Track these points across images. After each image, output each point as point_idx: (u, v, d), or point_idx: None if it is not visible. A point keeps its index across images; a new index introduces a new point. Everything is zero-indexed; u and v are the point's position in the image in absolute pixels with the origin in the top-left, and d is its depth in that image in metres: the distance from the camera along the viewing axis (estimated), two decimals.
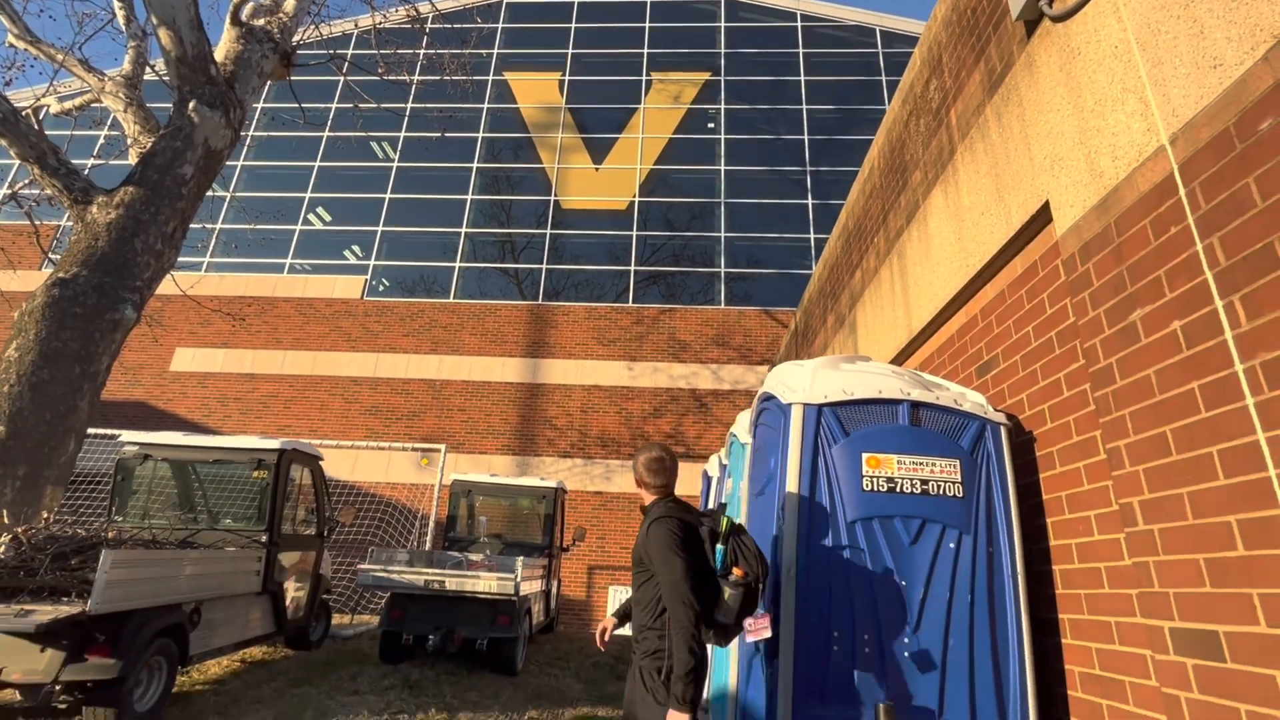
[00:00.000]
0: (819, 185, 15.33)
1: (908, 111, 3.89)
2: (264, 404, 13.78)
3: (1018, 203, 2.56)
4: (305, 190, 15.94)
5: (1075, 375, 2.28)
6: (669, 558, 2.06)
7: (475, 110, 16.52)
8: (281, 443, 4.96)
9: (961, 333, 3.21)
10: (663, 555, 2.07)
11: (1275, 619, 1.42)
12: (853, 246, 5.01)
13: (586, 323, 13.81)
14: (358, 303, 14.41)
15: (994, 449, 2.40)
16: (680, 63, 16.94)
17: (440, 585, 4.73)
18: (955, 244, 3.12)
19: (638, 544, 2.21)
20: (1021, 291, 2.67)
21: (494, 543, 6.89)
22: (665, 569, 2.05)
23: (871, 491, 2.29)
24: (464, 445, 13.05)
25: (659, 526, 2.13)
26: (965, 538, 2.27)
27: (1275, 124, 1.47)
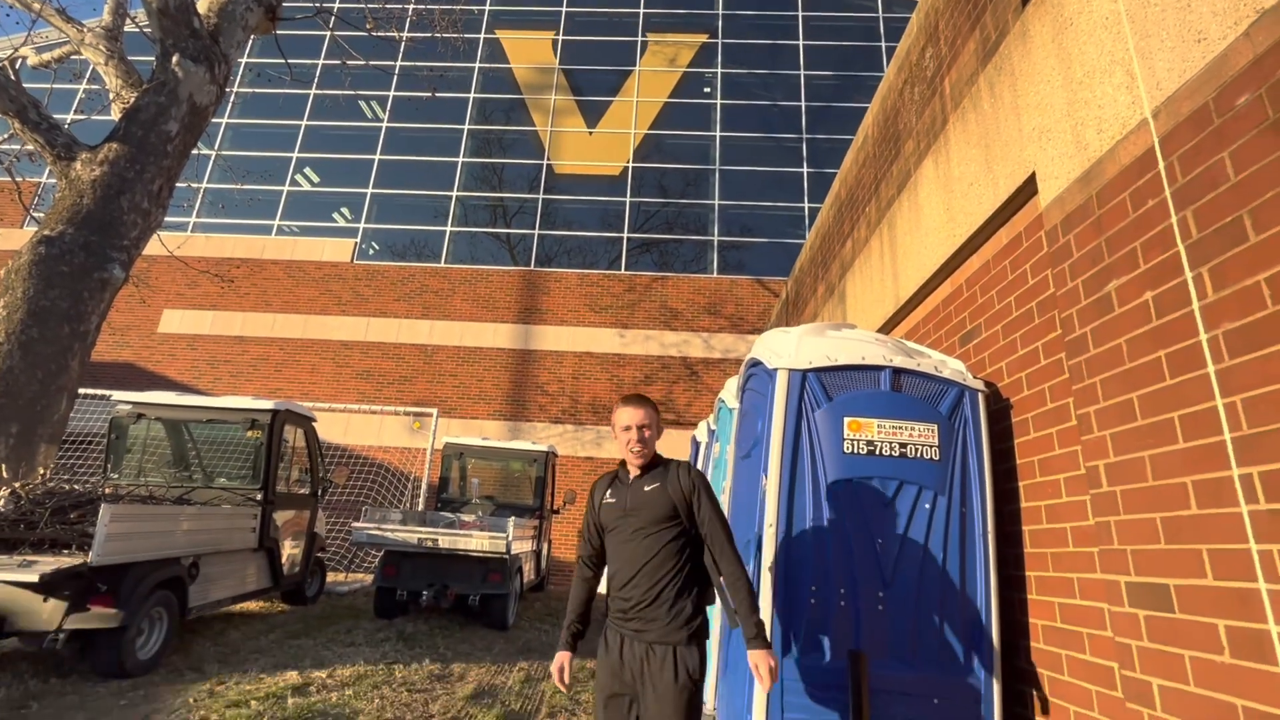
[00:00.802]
0: (815, 153, 15.19)
1: (903, 80, 3.88)
2: (254, 367, 13.76)
3: (1005, 173, 2.59)
4: (293, 150, 15.63)
5: (1052, 344, 2.35)
6: (713, 497, 2.06)
7: (467, 70, 16.14)
8: (275, 403, 5.00)
9: (947, 302, 3.27)
10: (714, 496, 2.07)
11: (1221, 572, 1.52)
12: (845, 216, 5.03)
13: (579, 289, 13.79)
14: (348, 266, 14.27)
15: (971, 415, 2.48)
16: (677, 24, 16.56)
17: (434, 543, 4.85)
18: (944, 214, 3.16)
19: (661, 494, 2.04)
20: (1005, 262, 2.72)
21: (486, 504, 7.03)
22: (719, 508, 2.05)
23: (852, 454, 2.38)
24: (456, 410, 13.14)
25: (699, 473, 2.10)
26: (940, 499, 2.36)
27: (1252, 99, 1.50)
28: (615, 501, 2.11)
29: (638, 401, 2.12)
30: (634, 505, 2.06)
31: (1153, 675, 1.70)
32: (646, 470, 2.11)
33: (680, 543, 2.02)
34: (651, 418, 2.11)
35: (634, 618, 1.99)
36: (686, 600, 1.98)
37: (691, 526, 2.03)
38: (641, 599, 1.98)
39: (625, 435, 2.10)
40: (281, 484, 5.08)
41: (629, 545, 2.04)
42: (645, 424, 2.09)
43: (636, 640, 1.97)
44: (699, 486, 2.05)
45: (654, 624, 1.95)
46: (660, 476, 2.08)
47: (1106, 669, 1.98)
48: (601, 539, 2.16)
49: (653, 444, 2.12)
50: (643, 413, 2.10)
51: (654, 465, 2.12)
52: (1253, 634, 1.43)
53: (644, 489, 2.07)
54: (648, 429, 2.09)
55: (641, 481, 2.09)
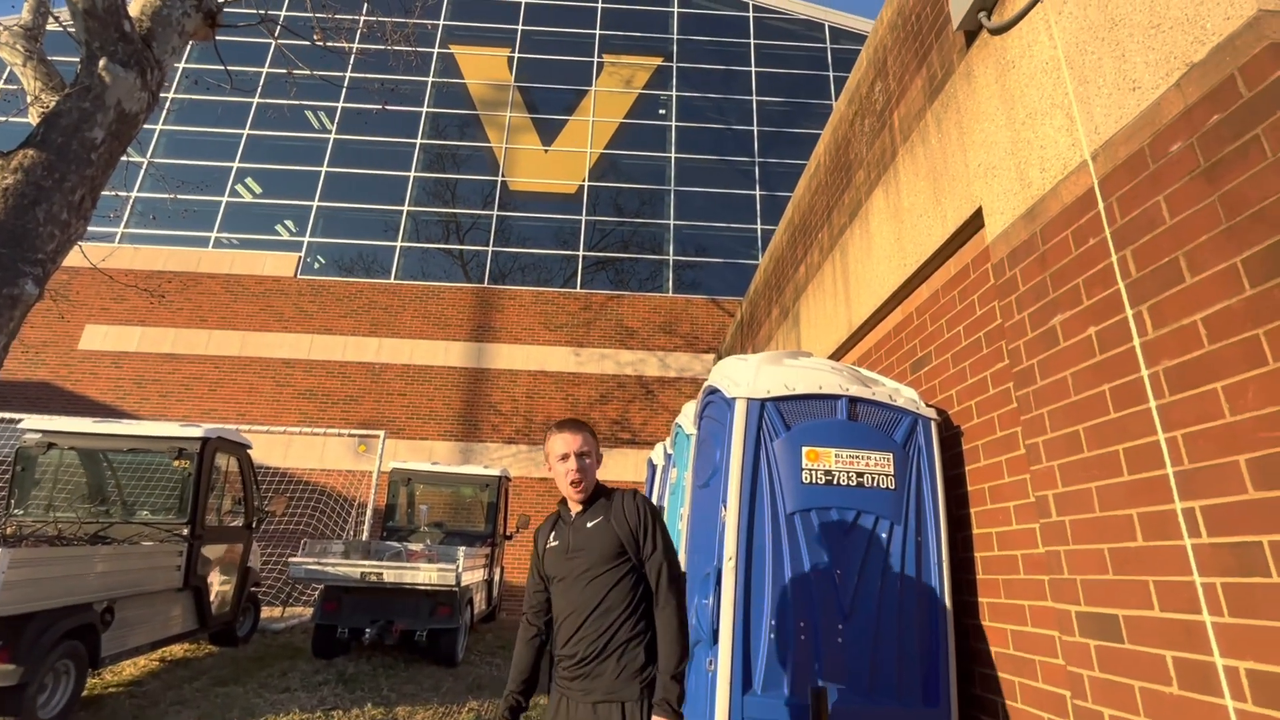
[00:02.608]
0: (767, 177, 15.56)
1: (853, 111, 3.99)
2: (186, 386, 13.02)
3: (953, 207, 2.67)
4: (233, 160, 15.02)
5: (1000, 374, 2.41)
6: (662, 527, 1.86)
7: (419, 84, 15.91)
8: (205, 430, 4.66)
9: (898, 329, 3.33)
10: (665, 529, 1.86)
11: (1167, 604, 1.55)
12: (798, 241, 5.12)
13: (533, 307, 13.64)
14: (291, 281, 13.73)
15: (925, 443, 2.51)
16: (632, 46, 16.78)
17: (377, 577, 4.60)
18: (894, 243, 3.23)
19: (606, 530, 1.82)
20: (954, 292, 2.79)
21: (434, 532, 6.76)
22: (670, 544, 1.84)
23: (810, 484, 2.37)
24: (404, 431, 12.72)
25: (647, 500, 1.90)
26: (896, 528, 2.37)
27: (1184, 148, 1.57)
28: (558, 545, 1.89)
29: (573, 426, 1.91)
30: (577, 546, 1.84)
31: (1104, 705, 1.72)
32: (589, 504, 1.89)
33: (630, 582, 1.80)
34: (590, 443, 1.90)
35: (579, 674, 1.75)
36: (639, 648, 1.75)
37: (637, 554, 1.82)
38: (588, 652, 1.74)
39: (562, 466, 1.87)
40: (212, 516, 4.72)
41: (573, 591, 1.81)
42: (584, 450, 1.87)
43: (581, 701, 1.73)
44: (647, 516, 1.84)
45: (600, 679, 1.72)
46: (604, 510, 1.87)
47: (1059, 697, 2.00)
48: (548, 591, 1.92)
49: (593, 473, 1.90)
50: (580, 438, 1.88)
51: (597, 497, 1.91)
52: (1199, 665, 1.46)
53: (587, 526, 1.85)
54: (588, 455, 1.88)
55: (585, 518, 1.87)
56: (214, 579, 4.68)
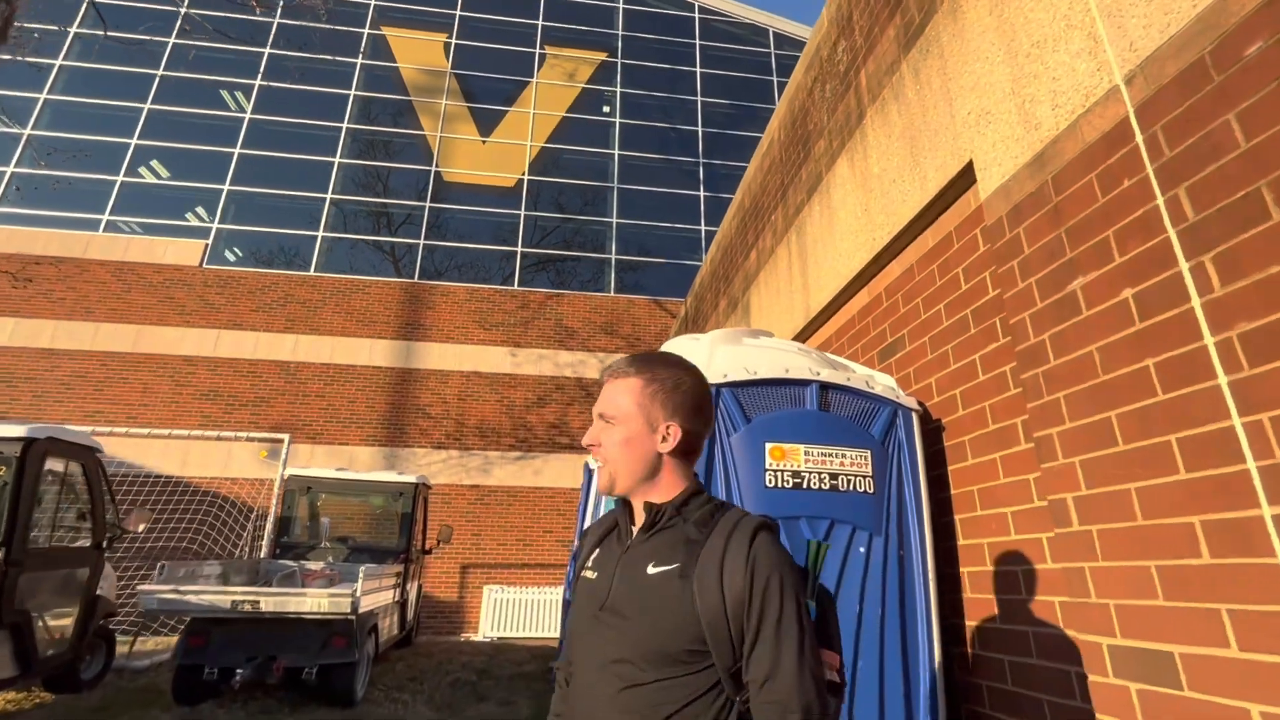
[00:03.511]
0: (711, 178, 15.36)
1: (812, 78, 3.64)
2: (66, 385, 11.56)
3: (935, 165, 2.31)
4: (131, 136, 13.56)
5: (994, 356, 2.05)
6: (800, 612, 0.91)
7: (347, 65, 14.88)
8: (30, 429, 3.78)
9: (864, 313, 2.97)
10: (794, 606, 0.90)
11: (1254, 641, 1.18)
12: (748, 226, 4.75)
13: (467, 304, 12.87)
14: (195, 271, 12.45)
15: (905, 438, 2.12)
16: (576, 40, 16.30)
17: (253, 606, 3.83)
18: (861, 216, 2.87)
19: (675, 593, 0.93)
20: (933, 266, 2.43)
21: (338, 548, 5.96)
22: (794, 631, 0.89)
23: (775, 487, 1.93)
24: (322, 436, 11.70)
25: (773, 543, 0.94)
26: (876, 540, 1.97)
27: (1266, 48, 1.22)
28: (596, 576, 1.05)
29: (619, 369, 1.06)
30: (619, 602, 0.98)
31: None
32: (656, 523, 1.00)
33: (697, 709, 0.91)
34: (627, 395, 1.02)
35: None
36: None
37: (735, 662, 0.92)
38: None
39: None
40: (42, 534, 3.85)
41: (588, 688, 0.98)
42: (611, 410, 1.03)
43: None
44: (771, 589, 0.89)
45: None
46: (684, 547, 0.96)
47: None
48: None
49: (627, 448, 1.01)
50: (616, 387, 1.05)
51: (666, 513, 1.00)
52: None
53: (648, 570, 0.97)
54: (617, 419, 1.02)
55: (647, 548, 0.99)
56: (45, 613, 3.79)
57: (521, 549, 11.24)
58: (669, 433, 1.01)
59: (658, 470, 1.01)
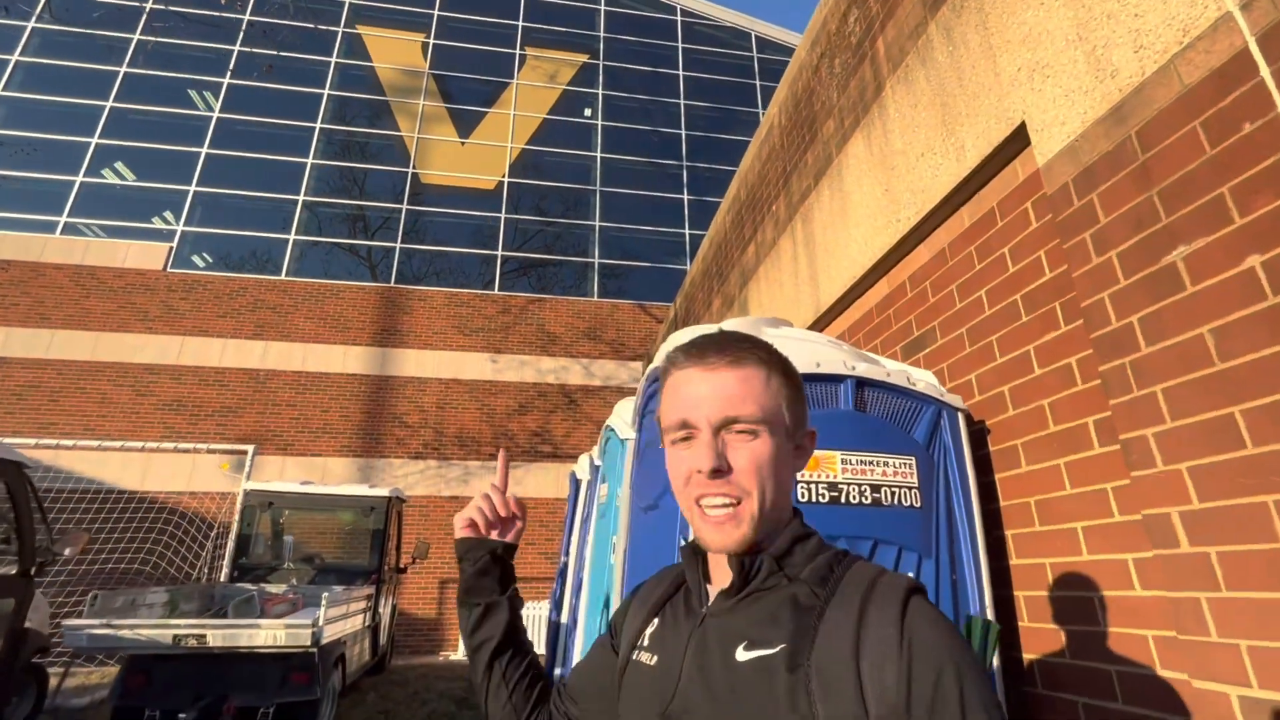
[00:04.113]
0: (695, 181, 15.16)
1: (818, 54, 3.37)
2: (18, 396, 10.92)
3: (975, 133, 2.04)
4: (92, 135, 12.97)
5: (1054, 347, 1.77)
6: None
7: (321, 64, 14.45)
8: None
9: (884, 306, 2.69)
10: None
11: None
12: (745, 219, 4.47)
13: (446, 309, 12.46)
14: (158, 275, 11.89)
15: (952, 442, 1.83)
16: (557, 41, 16.04)
17: (198, 641, 3.40)
18: (882, 198, 2.59)
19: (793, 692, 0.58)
20: (970, 249, 2.16)
21: (303, 568, 5.49)
22: None
23: (808, 503, 1.62)
24: (293, 447, 11.19)
25: (936, 618, 0.60)
26: (926, 563, 1.67)
27: None
28: (655, 661, 0.71)
29: (720, 348, 0.70)
30: (692, 698, 0.64)
31: None
32: (750, 582, 0.68)
33: None
34: (779, 388, 0.70)
35: None
36: None
37: None
38: None
39: (685, 457, 0.69)
40: None
41: None
42: (746, 415, 0.67)
43: None
44: (946, 690, 0.54)
45: None
46: (790, 619, 0.63)
47: None
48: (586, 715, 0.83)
49: (790, 481, 0.71)
50: (739, 379, 0.68)
51: (778, 567, 0.68)
52: None
53: (734, 652, 0.63)
54: (755, 431, 0.67)
55: (734, 620, 0.67)
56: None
57: None
58: (808, 442, 0.74)
59: (789, 494, 0.72)
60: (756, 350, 0.71)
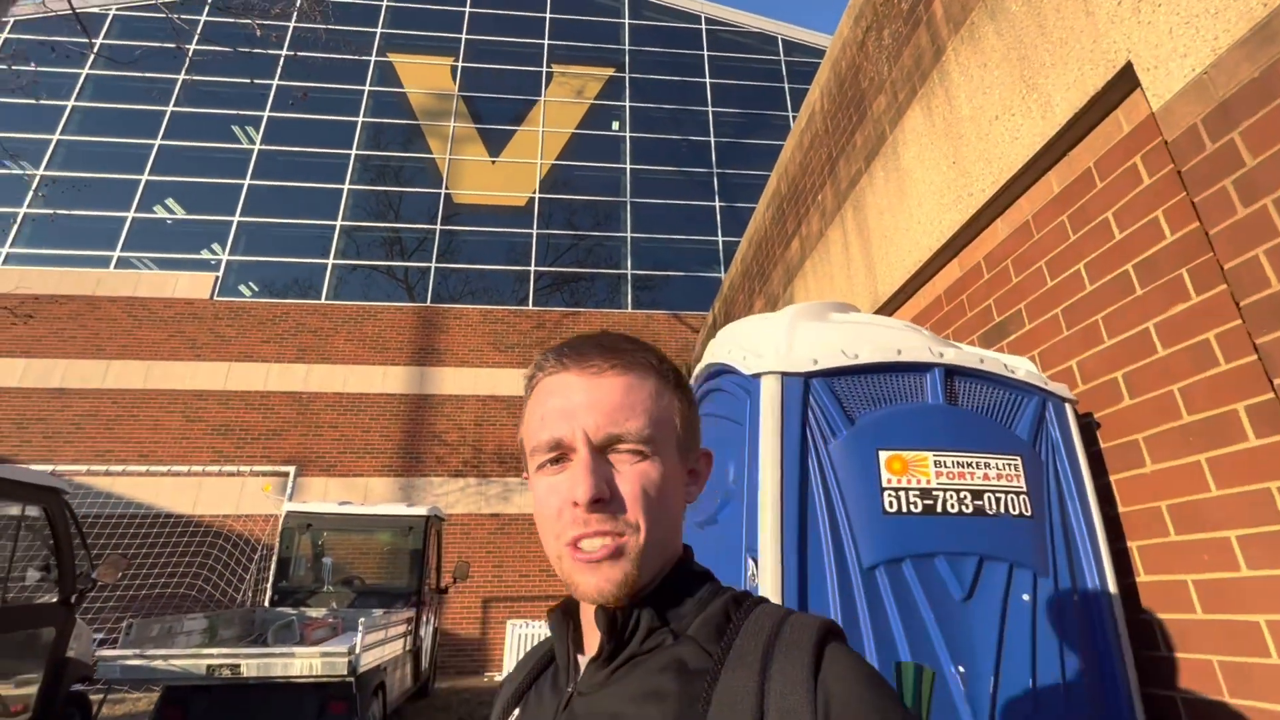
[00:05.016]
0: (726, 188, 14.96)
1: (863, 29, 3.14)
2: (77, 425, 11.31)
3: (1064, 84, 1.78)
4: (142, 172, 13.51)
5: (1182, 321, 1.49)
6: None
7: (355, 93, 14.81)
8: None
9: (955, 290, 2.42)
10: None
11: None
12: (786, 213, 4.24)
13: (482, 326, 12.48)
14: (206, 304, 12.23)
15: (1061, 438, 1.56)
16: (583, 57, 16.13)
17: (234, 671, 3.30)
18: (948, 171, 2.34)
19: None
20: (1062, 217, 1.89)
21: (343, 591, 5.39)
22: None
23: (898, 513, 1.38)
24: (336, 467, 11.29)
25: (857, 666, 0.48)
26: (1042, 581, 1.40)
27: None
28: None
29: (599, 349, 0.56)
30: None
31: None
32: (626, 646, 0.53)
33: None
34: (672, 401, 0.57)
35: None
36: None
37: None
38: None
39: (551, 485, 0.54)
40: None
41: None
42: (651, 425, 0.54)
43: None
44: None
45: None
46: (675, 690, 0.48)
47: None
48: None
49: (680, 512, 0.58)
50: (614, 385, 0.54)
51: (660, 622, 0.53)
52: None
53: None
54: (645, 451, 0.54)
55: (608, 696, 0.51)
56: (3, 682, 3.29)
57: (545, 580, 10.65)
58: (702, 466, 0.62)
59: (678, 529, 0.59)
60: (647, 354, 0.59)
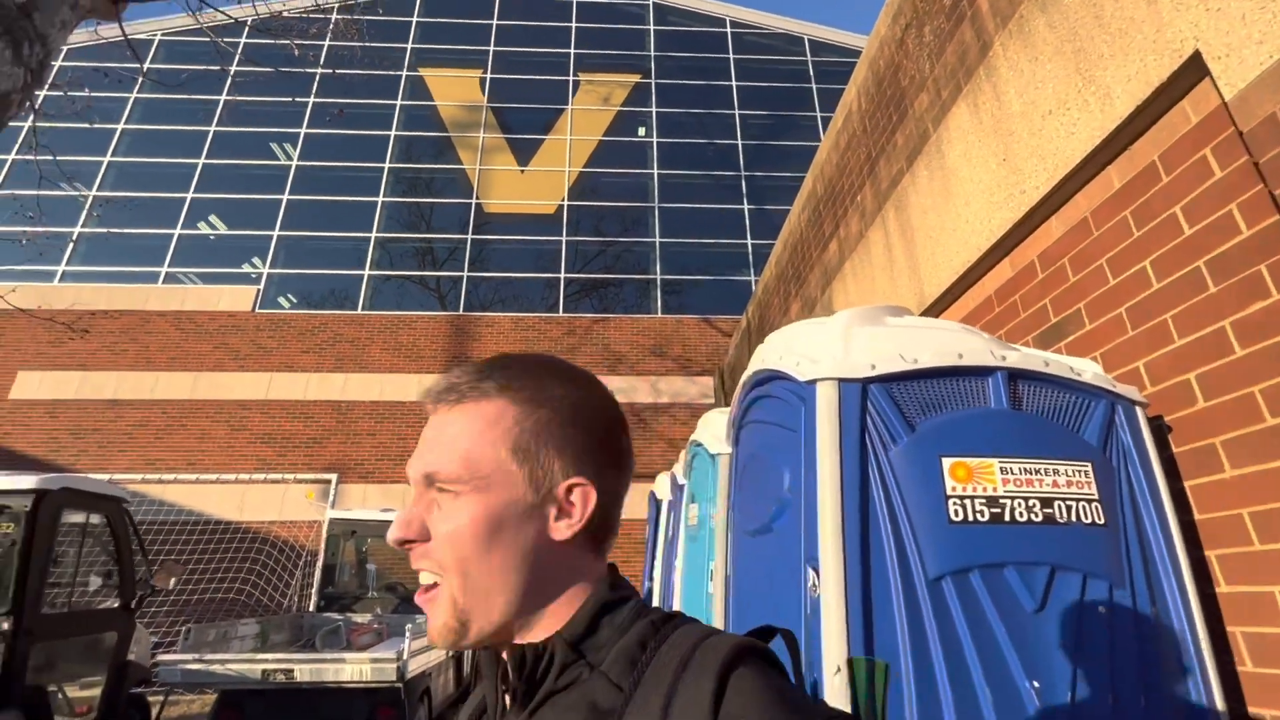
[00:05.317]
0: (755, 191, 14.88)
1: (902, 26, 3.09)
2: (129, 435, 11.75)
3: (1126, 76, 1.72)
4: (188, 190, 14.02)
5: (1263, 320, 1.43)
6: None
7: (387, 107, 15.16)
8: (40, 479, 3.44)
9: (1006, 291, 2.36)
10: None
11: None
12: (823, 215, 4.19)
13: (513, 334, 12.60)
14: (248, 316, 12.62)
15: (1133, 443, 1.50)
16: (609, 64, 16.24)
17: (288, 676, 3.39)
18: (998, 169, 2.28)
19: None
20: (1124, 213, 1.82)
21: (387, 597, 5.48)
22: None
23: (964, 522, 1.34)
24: (374, 474, 11.51)
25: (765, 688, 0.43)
26: (1118, 593, 1.35)
27: None
28: None
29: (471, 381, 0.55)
30: None
31: None
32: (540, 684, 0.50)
33: None
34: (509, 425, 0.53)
35: None
36: None
37: None
38: None
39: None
40: (61, 597, 3.52)
41: None
42: (462, 461, 0.52)
43: None
44: None
45: None
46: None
47: None
48: None
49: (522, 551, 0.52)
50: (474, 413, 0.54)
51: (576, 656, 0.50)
52: None
53: None
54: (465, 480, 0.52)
55: None
56: (63, 685, 3.44)
57: None
58: (576, 498, 0.53)
59: (549, 579, 0.53)
60: (493, 379, 0.54)
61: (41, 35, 5.16)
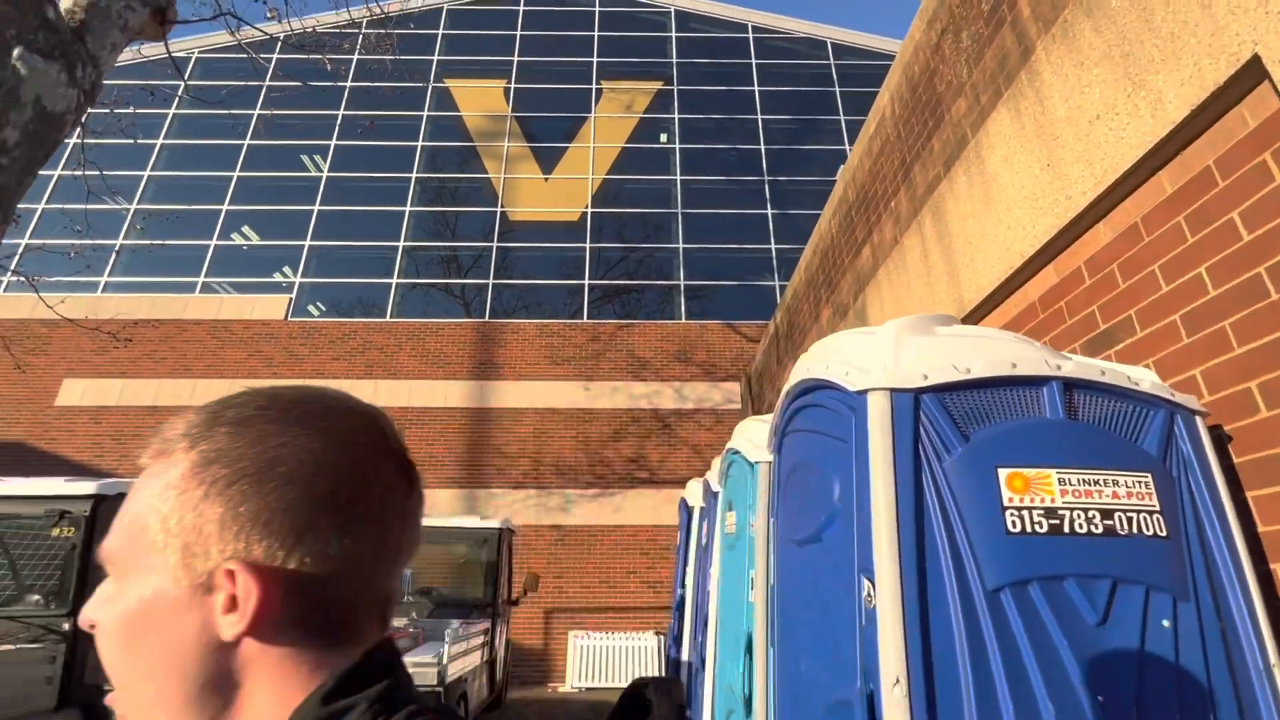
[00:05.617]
0: (778, 195, 14.83)
1: (938, 31, 3.08)
2: None
3: (1179, 80, 1.70)
4: (222, 202, 14.43)
5: None
6: None
7: (414, 118, 15.44)
8: (100, 485, 3.58)
9: (1051, 297, 2.33)
10: None
11: None
12: (855, 220, 4.17)
13: (538, 340, 12.71)
14: (281, 324, 12.91)
15: (1194, 453, 1.48)
16: (631, 71, 16.35)
17: None
18: (1041, 175, 2.25)
19: None
20: (1178, 219, 1.79)
21: (421, 602, 5.56)
22: None
23: (1022, 533, 1.33)
24: None
25: None
26: (1183, 606, 1.32)
27: None
28: None
29: (160, 435, 0.48)
30: None
31: None
32: None
33: None
34: (168, 491, 0.43)
35: None
36: None
37: None
38: None
39: None
40: None
41: None
42: (108, 555, 0.44)
43: None
44: None
45: None
46: None
47: None
48: None
49: (175, 660, 0.40)
50: (146, 476, 0.46)
51: None
52: None
53: None
54: (116, 561, 0.44)
55: None
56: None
57: (606, 591, 10.70)
58: (241, 584, 0.40)
59: (226, 696, 0.40)
60: (188, 428, 0.44)
61: (94, 57, 5.36)
